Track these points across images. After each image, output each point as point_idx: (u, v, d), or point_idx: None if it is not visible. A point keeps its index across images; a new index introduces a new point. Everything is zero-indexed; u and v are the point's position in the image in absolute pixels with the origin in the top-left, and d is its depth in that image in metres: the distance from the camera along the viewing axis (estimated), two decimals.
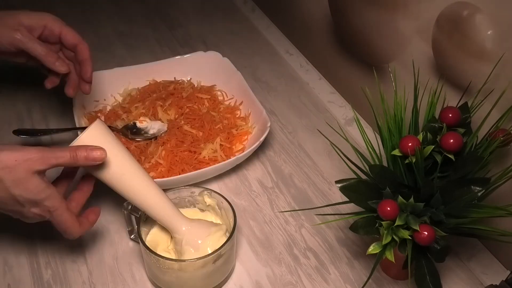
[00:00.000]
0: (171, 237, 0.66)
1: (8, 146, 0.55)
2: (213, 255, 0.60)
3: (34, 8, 1.17)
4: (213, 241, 0.62)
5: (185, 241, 0.62)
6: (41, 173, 0.56)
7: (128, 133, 0.82)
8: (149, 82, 0.92)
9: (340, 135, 0.68)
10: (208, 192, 0.67)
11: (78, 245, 0.70)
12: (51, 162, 0.56)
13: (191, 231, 0.63)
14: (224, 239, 0.62)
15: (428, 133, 0.59)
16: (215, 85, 0.92)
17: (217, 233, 0.63)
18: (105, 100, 0.89)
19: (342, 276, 0.68)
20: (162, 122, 0.84)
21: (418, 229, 0.54)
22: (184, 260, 0.60)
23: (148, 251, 0.60)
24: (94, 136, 0.59)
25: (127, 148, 0.80)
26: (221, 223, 0.66)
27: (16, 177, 0.54)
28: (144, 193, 0.62)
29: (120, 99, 0.90)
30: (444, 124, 0.58)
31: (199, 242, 0.62)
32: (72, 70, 0.76)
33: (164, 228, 0.67)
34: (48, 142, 0.85)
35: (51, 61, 0.71)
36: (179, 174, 0.75)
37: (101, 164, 0.59)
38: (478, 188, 0.55)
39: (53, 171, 0.59)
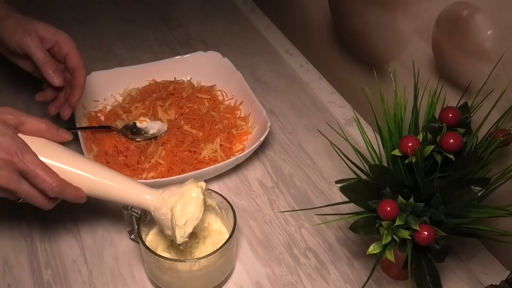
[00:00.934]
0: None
1: None
2: (213, 255, 0.60)
3: (35, 8, 1.18)
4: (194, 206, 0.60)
5: (162, 213, 0.60)
6: None
7: (128, 133, 0.82)
8: (149, 82, 0.92)
9: (340, 135, 0.68)
10: (208, 192, 0.67)
11: (78, 245, 0.70)
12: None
13: (162, 201, 0.61)
14: (200, 200, 0.60)
15: (428, 133, 0.59)
16: (215, 85, 0.92)
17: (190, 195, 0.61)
18: (105, 100, 0.89)
19: (342, 276, 0.68)
20: (162, 122, 0.84)
21: (418, 229, 0.54)
22: (184, 260, 0.60)
23: (148, 251, 0.60)
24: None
25: (127, 148, 0.80)
26: (197, 185, 0.63)
27: None
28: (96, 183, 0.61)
29: (120, 99, 0.90)
30: (444, 124, 0.58)
31: (178, 209, 0.60)
32: (63, 90, 0.77)
33: None
34: None
35: (49, 70, 0.71)
36: (179, 174, 0.75)
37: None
38: (478, 188, 0.55)
39: None
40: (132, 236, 0.70)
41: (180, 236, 0.59)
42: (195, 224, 0.59)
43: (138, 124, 0.82)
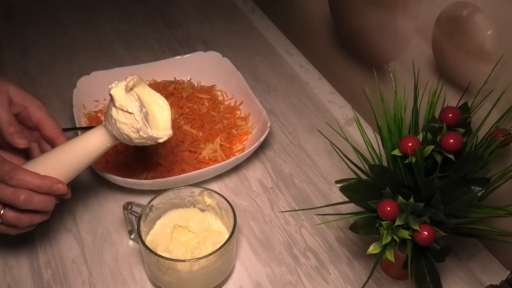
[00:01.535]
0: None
1: None
2: (213, 255, 0.60)
3: (35, 8, 1.18)
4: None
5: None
6: None
7: None
8: (149, 82, 0.92)
9: (340, 135, 0.68)
10: (208, 192, 0.67)
11: (78, 245, 0.70)
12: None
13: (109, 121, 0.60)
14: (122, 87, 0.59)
15: (428, 133, 0.59)
16: (215, 85, 0.92)
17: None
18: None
19: (342, 276, 0.68)
20: None
21: (418, 229, 0.54)
22: (184, 260, 0.60)
23: (148, 251, 0.60)
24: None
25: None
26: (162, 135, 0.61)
27: None
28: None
29: None
30: (444, 124, 0.58)
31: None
32: (34, 148, 0.69)
33: (164, 228, 0.67)
34: None
35: (11, 132, 0.63)
36: (179, 174, 0.75)
37: None
38: (478, 188, 0.55)
39: None
40: (132, 236, 0.70)
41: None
42: (138, 114, 0.57)
43: None
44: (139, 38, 1.09)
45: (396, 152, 0.58)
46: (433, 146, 0.57)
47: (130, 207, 0.65)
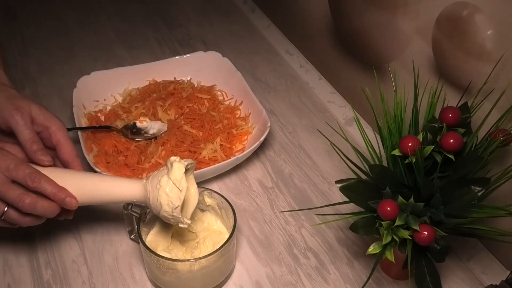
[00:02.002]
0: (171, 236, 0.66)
1: None
2: (213, 255, 0.60)
3: (34, 8, 1.18)
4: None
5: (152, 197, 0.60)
6: None
7: (128, 133, 0.82)
8: (149, 82, 0.92)
9: (340, 135, 0.68)
10: (208, 192, 0.67)
11: (78, 245, 0.70)
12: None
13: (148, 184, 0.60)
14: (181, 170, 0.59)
15: (428, 133, 0.59)
16: (215, 85, 0.92)
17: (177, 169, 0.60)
18: (105, 100, 0.89)
19: (342, 276, 0.68)
20: (162, 122, 0.84)
21: (418, 229, 0.54)
22: (184, 260, 0.60)
23: (148, 251, 0.60)
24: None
25: (127, 148, 0.80)
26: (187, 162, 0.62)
27: None
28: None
29: (120, 99, 0.90)
30: (444, 124, 0.58)
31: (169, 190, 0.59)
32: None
33: (164, 228, 0.67)
34: None
35: (34, 150, 0.63)
36: None
37: None
38: (478, 188, 0.55)
39: None
40: (132, 236, 0.70)
41: (173, 209, 0.58)
42: (183, 195, 0.58)
43: (138, 124, 0.82)
44: (139, 38, 1.09)
45: (396, 152, 0.58)
46: (433, 146, 0.57)
47: (130, 207, 0.65)
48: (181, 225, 0.60)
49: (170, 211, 0.58)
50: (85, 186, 0.62)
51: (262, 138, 0.77)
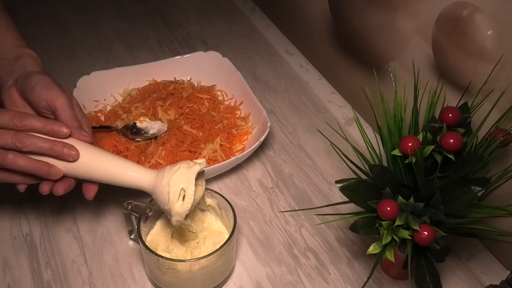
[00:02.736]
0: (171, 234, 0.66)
1: None
2: (213, 255, 0.60)
3: (34, 8, 1.18)
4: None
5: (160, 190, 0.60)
6: None
7: (128, 133, 0.82)
8: (149, 82, 0.92)
9: (340, 135, 0.68)
10: (208, 192, 0.67)
11: (78, 245, 0.70)
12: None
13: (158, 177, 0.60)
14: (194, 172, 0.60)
15: (428, 133, 0.59)
16: (215, 85, 0.92)
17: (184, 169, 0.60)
18: (105, 100, 0.89)
19: (342, 276, 0.68)
20: (162, 122, 0.84)
21: (418, 229, 0.54)
22: (184, 260, 0.60)
23: (148, 251, 0.60)
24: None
25: (127, 148, 0.80)
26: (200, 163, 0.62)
27: None
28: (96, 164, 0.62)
29: (120, 99, 0.90)
30: (444, 124, 0.58)
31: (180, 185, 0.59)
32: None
33: (164, 228, 0.67)
34: None
35: (77, 126, 0.63)
36: None
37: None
38: (478, 188, 0.55)
39: None
40: (132, 236, 0.70)
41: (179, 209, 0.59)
42: (192, 198, 0.59)
43: (138, 124, 0.82)
44: (139, 38, 1.09)
45: (396, 152, 0.58)
46: (433, 146, 0.57)
47: (130, 207, 0.65)
48: (175, 224, 0.60)
49: (176, 206, 0.59)
50: (98, 165, 0.62)
51: (262, 138, 0.77)
